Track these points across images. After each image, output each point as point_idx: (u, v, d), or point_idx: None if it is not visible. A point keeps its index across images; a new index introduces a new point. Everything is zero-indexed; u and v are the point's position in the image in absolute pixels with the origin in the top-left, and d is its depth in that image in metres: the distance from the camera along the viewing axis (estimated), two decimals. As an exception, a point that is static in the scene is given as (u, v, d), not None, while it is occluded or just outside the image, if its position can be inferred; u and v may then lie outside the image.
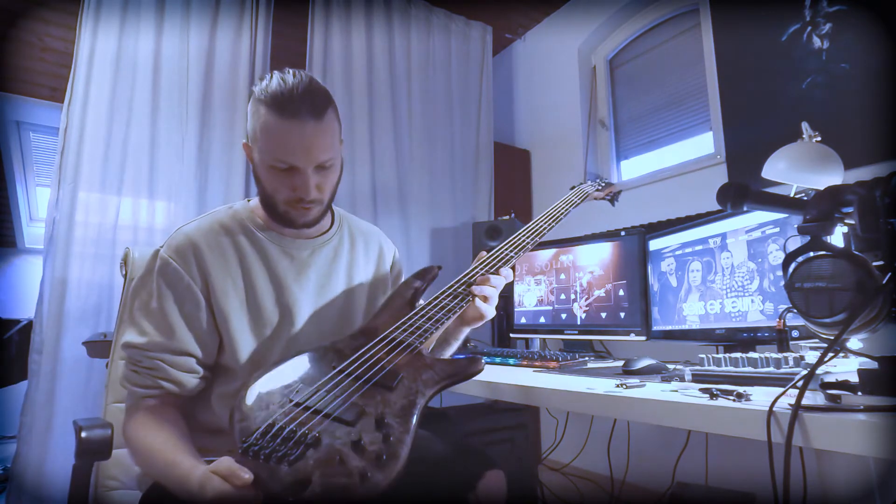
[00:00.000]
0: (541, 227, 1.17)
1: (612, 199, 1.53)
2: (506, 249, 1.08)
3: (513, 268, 1.08)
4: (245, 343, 0.95)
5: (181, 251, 0.94)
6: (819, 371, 0.72)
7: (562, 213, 1.24)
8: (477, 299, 0.98)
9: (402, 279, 1.15)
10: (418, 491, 0.85)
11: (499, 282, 1.01)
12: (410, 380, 0.83)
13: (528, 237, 1.13)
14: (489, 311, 0.99)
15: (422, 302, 1.13)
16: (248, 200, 1.07)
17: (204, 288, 0.94)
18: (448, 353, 1.11)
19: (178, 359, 0.91)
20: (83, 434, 0.95)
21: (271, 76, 0.92)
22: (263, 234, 1.01)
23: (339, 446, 0.70)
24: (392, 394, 0.80)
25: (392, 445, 0.71)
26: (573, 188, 1.42)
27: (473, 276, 1.01)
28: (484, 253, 1.08)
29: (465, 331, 1.05)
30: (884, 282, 0.63)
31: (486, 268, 1.03)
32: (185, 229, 0.98)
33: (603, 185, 1.50)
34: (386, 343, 0.88)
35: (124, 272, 1.21)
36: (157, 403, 0.91)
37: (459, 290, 0.99)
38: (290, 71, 0.93)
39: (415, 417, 0.77)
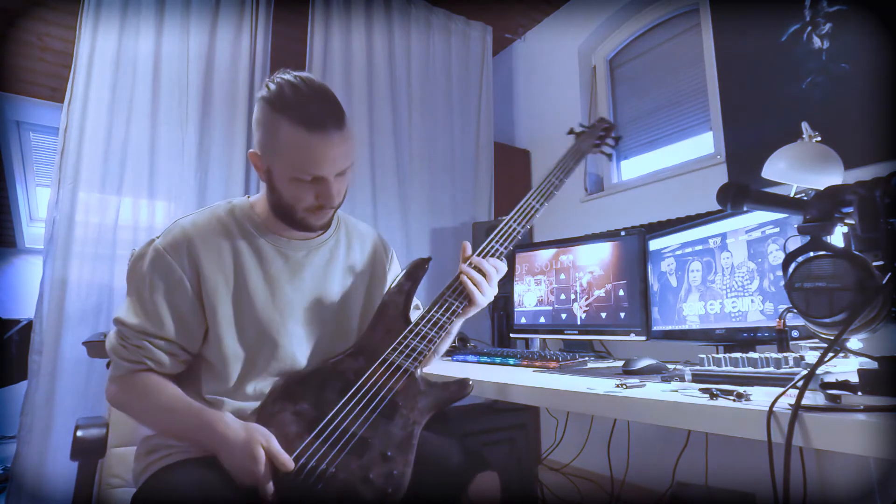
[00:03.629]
0: (531, 205, 1.17)
1: (615, 140, 1.41)
2: (494, 243, 1.09)
3: (508, 258, 1.09)
4: (230, 340, 0.96)
5: (175, 244, 0.96)
6: (819, 371, 0.72)
7: (553, 186, 1.21)
8: (468, 283, 1.01)
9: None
10: (410, 492, 0.86)
11: (489, 268, 1.03)
12: (408, 409, 0.92)
13: (517, 223, 1.13)
14: (479, 297, 1.02)
15: (416, 302, 1.14)
16: (248, 197, 1.08)
17: (195, 280, 0.95)
18: (444, 347, 1.12)
19: (163, 343, 0.94)
20: (78, 433, 1.00)
21: (280, 86, 0.89)
22: (260, 234, 1.02)
23: (353, 482, 0.84)
24: (392, 425, 0.90)
25: (396, 479, 0.85)
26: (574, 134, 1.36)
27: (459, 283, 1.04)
28: (467, 244, 1.08)
29: (459, 322, 1.07)
30: (884, 282, 0.63)
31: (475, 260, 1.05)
32: (181, 222, 0.99)
33: (586, 129, 1.39)
34: (385, 368, 0.95)
35: None
36: (149, 372, 0.95)
37: (448, 299, 1.03)
38: (297, 76, 0.91)
39: (413, 448, 0.89)
